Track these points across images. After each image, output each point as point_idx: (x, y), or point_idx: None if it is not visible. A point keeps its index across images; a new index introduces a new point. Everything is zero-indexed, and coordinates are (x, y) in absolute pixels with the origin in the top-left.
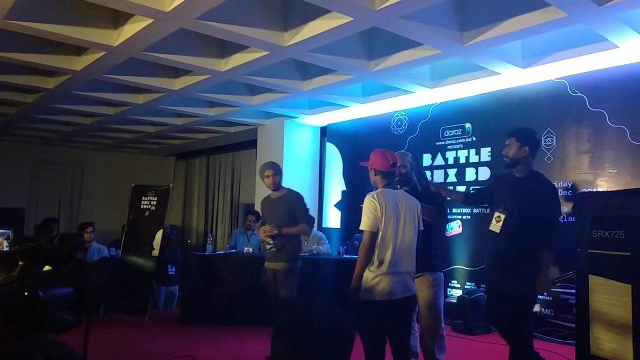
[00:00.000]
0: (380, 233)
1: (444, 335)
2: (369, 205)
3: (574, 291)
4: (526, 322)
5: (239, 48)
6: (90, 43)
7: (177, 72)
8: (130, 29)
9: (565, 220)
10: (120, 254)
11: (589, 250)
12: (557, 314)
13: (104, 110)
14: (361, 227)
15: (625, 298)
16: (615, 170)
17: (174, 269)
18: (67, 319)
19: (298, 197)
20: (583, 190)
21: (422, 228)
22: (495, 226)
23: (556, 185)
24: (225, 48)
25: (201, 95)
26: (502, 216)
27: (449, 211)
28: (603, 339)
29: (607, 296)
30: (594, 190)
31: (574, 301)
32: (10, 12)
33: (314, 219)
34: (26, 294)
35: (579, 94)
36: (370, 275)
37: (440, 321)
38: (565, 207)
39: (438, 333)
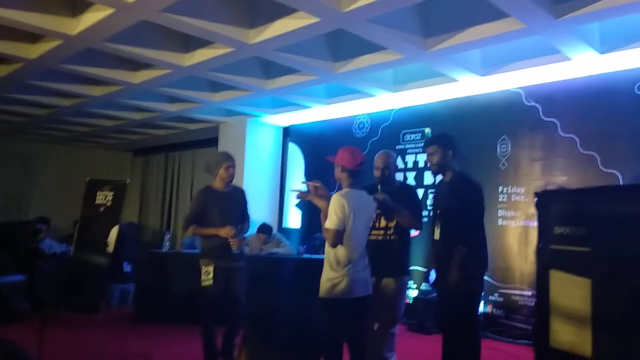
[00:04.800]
0: (345, 233)
1: (394, 334)
2: (337, 204)
3: (525, 292)
4: (470, 323)
5: (203, 43)
6: (46, 30)
7: (138, 65)
8: (89, 18)
9: (517, 224)
10: (72, 250)
11: (551, 247)
12: (508, 314)
13: (59, 101)
14: (327, 226)
15: (584, 292)
16: (565, 177)
17: (130, 267)
18: (23, 307)
19: (244, 194)
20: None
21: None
22: (436, 233)
23: (507, 190)
24: (189, 43)
25: (162, 90)
26: (439, 223)
27: None
28: (562, 332)
29: (566, 290)
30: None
31: (524, 302)
32: None
33: (270, 228)
34: None
35: (534, 104)
36: (332, 274)
37: (395, 322)
38: (518, 212)
39: (389, 332)
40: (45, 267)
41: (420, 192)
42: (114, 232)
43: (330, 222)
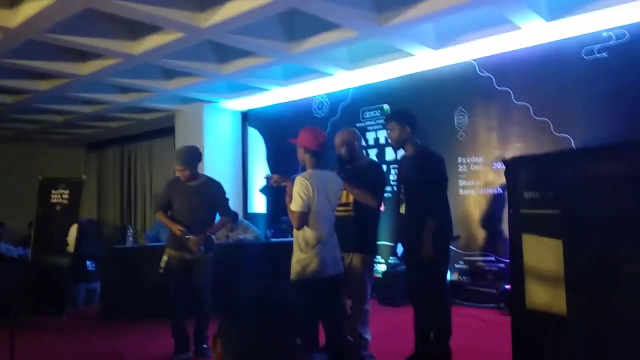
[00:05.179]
0: (311, 214)
1: (367, 310)
2: (301, 186)
3: (488, 258)
4: (440, 292)
5: (153, 30)
6: None
7: (85, 55)
8: (29, 8)
9: (477, 193)
10: (29, 253)
11: (522, 211)
12: (473, 280)
13: (2, 98)
14: (293, 208)
15: (556, 253)
16: (520, 144)
17: (93, 265)
18: None
19: (219, 189)
20: (493, 163)
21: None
22: (402, 207)
23: (466, 160)
24: (138, 30)
25: (112, 81)
26: (403, 197)
27: None
28: (537, 294)
29: (539, 253)
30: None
31: (488, 268)
32: None
33: (237, 214)
34: None
35: (487, 74)
36: (301, 256)
37: (365, 299)
38: (478, 181)
39: (362, 309)
40: (5, 272)
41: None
42: (73, 230)
43: (295, 204)
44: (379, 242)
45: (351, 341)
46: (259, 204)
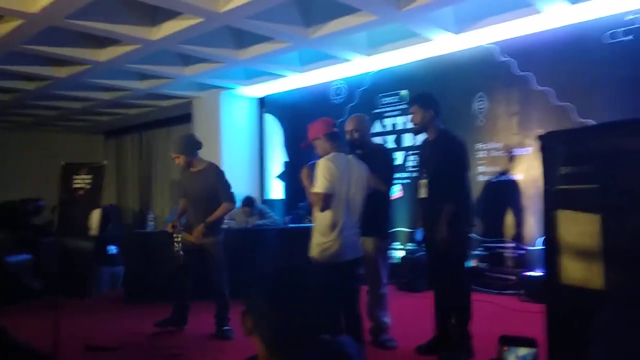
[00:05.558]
0: (335, 196)
1: (384, 294)
2: (325, 168)
3: (507, 245)
4: (460, 278)
5: (171, 15)
6: (4, 10)
7: (104, 42)
8: None
9: (497, 179)
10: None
11: (558, 187)
12: (492, 266)
13: (22, 85)
14: (317, 190)
15: (593, 228)
16: (542, 130)
17: (116, 249)
18: (34, 285)
19: (218, 173)
20: (513, 149)
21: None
22: (423, 192)
23: (486, 146)
24: (156, 15)
25: (131, 67)
26: (425, 182)
27: None
28: (573, 269)
29: (576, 228)
30: (527, 148)
31: (508, 254)
32: None
33: (253, 200)
34: None
35: (508, 59)
36: (321, 239)
37: (381, 282)
38: (497, 167)
39: (378, 293)
40: (48, 245)
41: (400, 155)
42: (96, 214)
43: (320, 186)
44: (398, 229)
45: (370, 324)
46: (276, 190)
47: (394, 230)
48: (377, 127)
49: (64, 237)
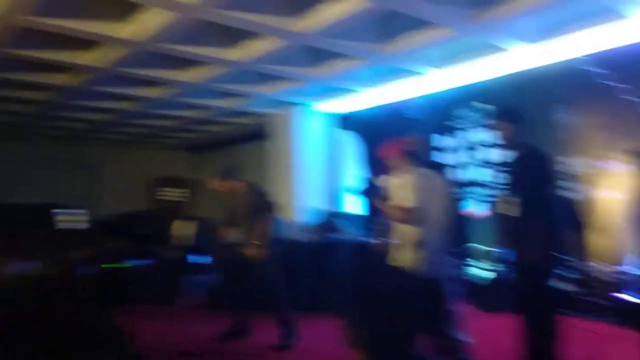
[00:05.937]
0: (419, 211)
1: (452, 311)
2: (413, 183)
3: (600, 268)
4: (550, 301)
5: (250, 36)
6: (99, 36)
7: (187, 63)
8: (149, 20)
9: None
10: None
11: None
12: (584, 290)
13: (120, 105)
14: (402, 204)
15: None
16: (629, 144)
17: (205, 259)
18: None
19: (260, 193)
20: (599, 164)
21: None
22: (514, 210)
23: (572, 162)
24: (235, 37)
25: (213, 86)
26: (516, 200)
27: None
28: None
29: None
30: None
31: (601, 278)
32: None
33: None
34: None
35: (594, 70)
36: (402, 254)
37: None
38: (582, 184)
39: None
40: (163, 253)
41: (475, 170)
42: (190, 226)
43: (408, 200)
44: (484, 248)
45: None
46: (353, 206)
47: (478, 248)
48: (452, 142)
49: (156, 246)
